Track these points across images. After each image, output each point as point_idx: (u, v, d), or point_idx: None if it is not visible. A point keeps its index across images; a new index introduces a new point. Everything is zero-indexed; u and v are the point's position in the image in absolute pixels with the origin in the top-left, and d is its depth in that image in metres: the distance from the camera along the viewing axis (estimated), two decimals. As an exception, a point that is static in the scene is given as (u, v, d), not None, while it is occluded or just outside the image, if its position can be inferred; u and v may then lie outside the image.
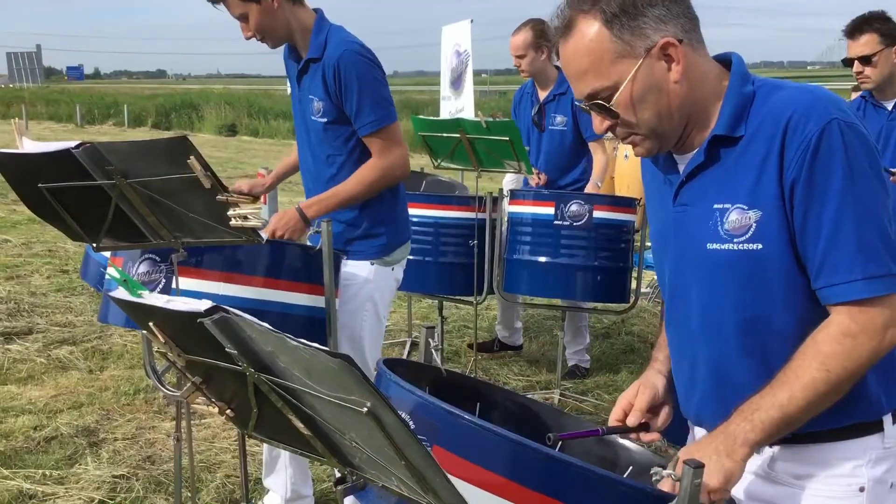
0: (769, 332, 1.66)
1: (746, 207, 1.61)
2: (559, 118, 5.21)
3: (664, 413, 1.87)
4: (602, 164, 5.21)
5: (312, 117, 3.19)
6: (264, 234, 2.46)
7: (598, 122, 1.69)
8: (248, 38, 3.13)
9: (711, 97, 1.67)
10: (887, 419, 1.70)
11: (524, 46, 5.09)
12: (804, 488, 1.70)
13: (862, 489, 1.68)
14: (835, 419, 1.66)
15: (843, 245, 1.55)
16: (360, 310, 3.28)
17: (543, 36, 5.05)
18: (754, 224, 1.61)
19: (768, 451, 1.73)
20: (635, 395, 1.85)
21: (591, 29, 1.60)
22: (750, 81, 1.68)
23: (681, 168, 1.74)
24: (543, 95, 5.27)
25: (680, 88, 1.63)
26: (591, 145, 5.23)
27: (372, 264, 3.27)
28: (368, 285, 3.27)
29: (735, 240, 1.63)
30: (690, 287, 1.74)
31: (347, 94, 3.06)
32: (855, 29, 4.04)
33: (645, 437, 1.84)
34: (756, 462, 1.73)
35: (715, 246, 1.65)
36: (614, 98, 1.62)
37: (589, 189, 5.06)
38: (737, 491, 1.76)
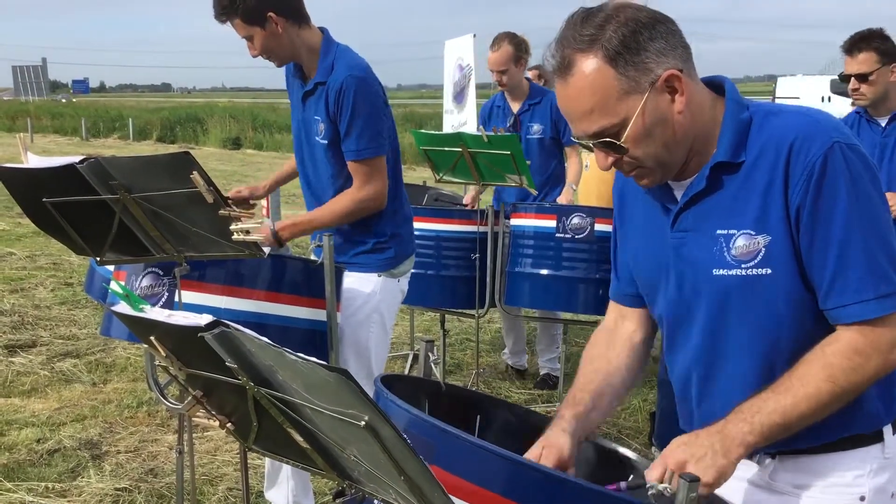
0: (776, 353, 1.67)
1: (754, 233, 1.62)
2: (535, 126, 5.30)
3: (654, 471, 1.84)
4: (577, 168, 5.37)
5: (316, 137, 3.22)
6: (266, 249, 2.48)
7: (603, 159, 1.67)
8: (254, 57, 3.18)
9: (709, 124, 1.68)
10: (887, 430, 1.71)
11: (506, 61, 5.19)
12: (805, 498, 1.71)
13: (862, 498, 1.69)
14: (833, 432, 1.67)
15: (853, 266, 1.56)
16: (367, 322, 3.29)
17: (521, 48, 5.19)
18: (763, 249, 1.61)
19: (769, 462, 1.74)
20: (538, 458, 1.78)
21: (592, 67, 1.57)
22: (745, 107, 1.68)
23: (677, 194, 1.74)
24: (517, 107, 5.38)
25: (684, 119, 1.63)
26: (567, 150, 5.38)
27: (378, 276, 3.30)
28: (375, 297, 3.29)
29: (743, 265, 1.63)
30: (695, 312, 1.74)
31: (342, 118, 3.10)
32: (853, 46, 4.05)
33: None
34: (756, 472, 1.75)
35: (722, 272, 1.66)
36: (624, 134, 1.60)
37: (565, 194, 5.16)
38: (737, 501, 1.77)
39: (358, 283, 3.27)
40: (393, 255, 3.31)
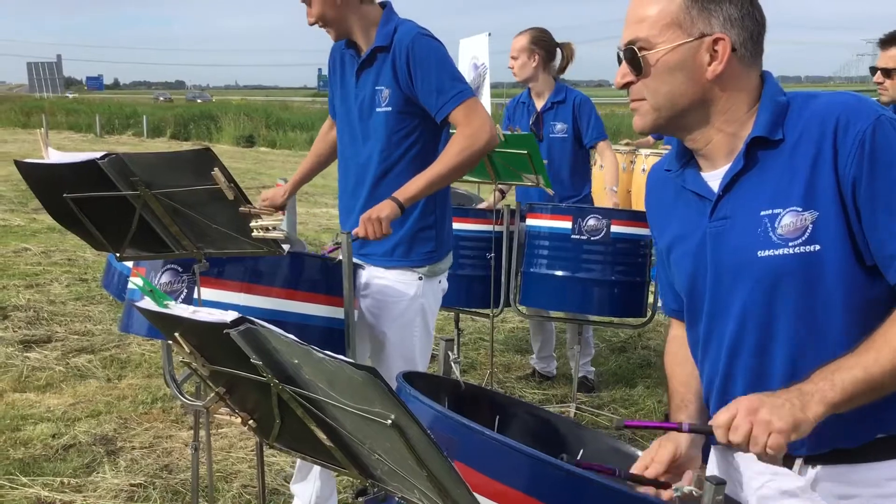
0: (824, 338, 1.63)
1: (801, 209, 1.59)
2: (559, 126, 5.25)
3: (688, 476, 1.81)
4: (612, 166, 5.30)
5: (377, 108, 3.11)
6: (285, 246, 2.47)
7: (620, 75, 1.71)
8: (311, 24, 3.11)
9: (746, 107, 1.69)
10: None
11: (518, 49, 5.15)
12: None
13: None
14: (869, 430, 1.64)
15: None
16: (411, 325, 3.24)
17: (538, 43, 5.12)
18: (811, 225, 1.59)
19: (811, 473, 1.70)
20: (656, 451, 1.82)
21: None
22: (783, 93, 1.70)
23: (712, 185, 1.73)
24: (540, 104, 5.33)
25: (709, 87, 1.65)
26: (600, 146, 5.29)
27: (420, 278, 3.22)
28: (418, 301, 3.23)
29: (790, 243, 1.60)
30: (734, 302, 1.71)
31: (424, 75, 3.00)
32: (888, 40, 4.06)
33: (663, 494, 1.77)
34: (798, 484, 1.69)
35: (768, 252, 1.63)
36: (647, 53, 1.65)
37: (609, 198, 5.10)
38: None
39: (399, 285, 3.21)
40: (434, 248, 3.22)
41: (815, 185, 1.59)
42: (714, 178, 1.73)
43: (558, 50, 5.20)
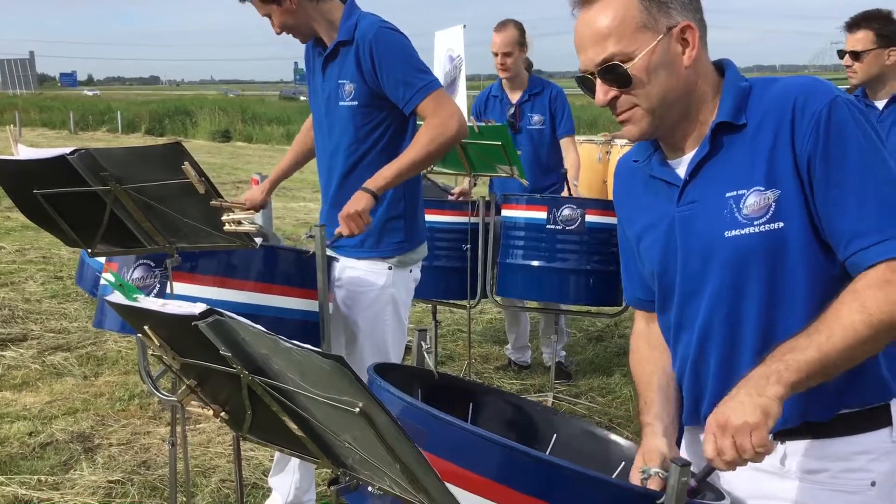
0: (790, 313, 1.66)
1: (764, 188, 1.63)
2: (536, 117, 5.28)
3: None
4: (574, 162, 5.34)
5: (341, 102, 3.13)
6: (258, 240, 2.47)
7: (602, 93, 1.70)
8: (278, 34, 3.16)
9: (710, 93, 1.73)
10: (895, 412, 1.71)
11: (511, 43, 5.16)
12: (817, 483, 1.70)
13: (874, 483, 1.69)
14: (843, 398, 1.67)
15: (873, 208, 1.57)
16: (382, 315, 3.26)
17: (524, 34, 5.17)
18: (773, 204, 1.63)
19: (780, 448, 1.72)
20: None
21: None
22: (744, 79, 1.74)
23: (680, 171, 1.76)
24: (515, 97, 5.35)
25: (689, 75, 1.69)
26: (565, 142, 5.34)
27: (390, 268, 3.24)
28: (388, 291, 3.24)
29: (755, 222, 1.64)
30: (704, 284, 1.74)
31: (390, 68, 3.02)
32: (854, 23, 4.08)
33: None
34: (768, 459, 1.73)
35: (734, 232, 1.66)
36: (630, 64, 1.66)
37: (572, 193, 5.13)
38: (744, 489, 1.77)
39: (369, 275, 3.23)
40: (403, 239, 3.24)
41: (776, 164, 1.63)
42: (680, 164, 1.77)
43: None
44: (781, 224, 1.63)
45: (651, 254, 1.85)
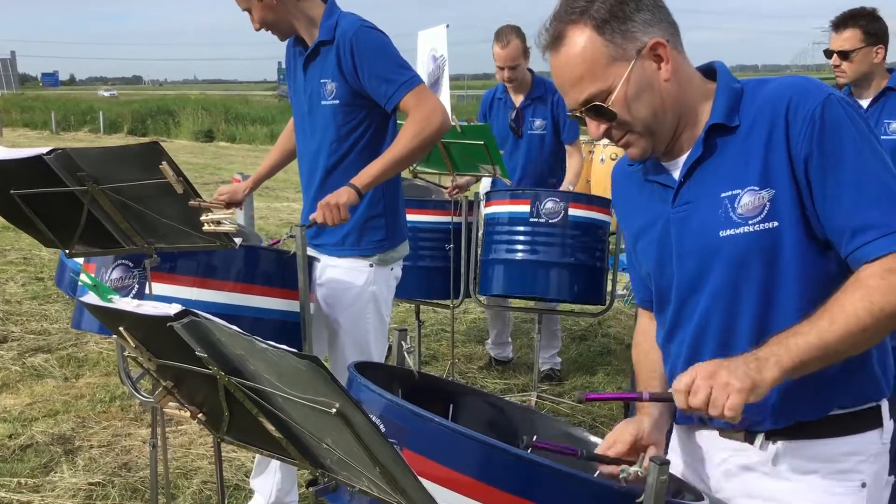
0: (783, 312, 1.67)
1: (758, 188, 1.64)
2: (538, 122, 5.23)
3: (651, 451, 1.83)
4: (576, 168, 5.27)
5: (323, 101, 3.14)
6: (237, 240, 2.46)
7: (595, 128, 1.73)
8: (256, 30, 3.17)
9: (699, 98, 1.74)
10: (885, 415, 1.72)
11: (517, 56, 5.07)
12: (808, 484, 1.71)
13: (864, 485, 1.69)
14: (837, 395, 1.68)
15: (872, 204, 1.57)
16: (363, 312, 3.26)
17: (526, 41, 5.08)
18: (768, 203, 1.63)
19: (772, 448, 1.73)
20: (619, 432, 1.84)
21: (582, 37, 1.66)
22: (736, 80, 1.75)
23: (674, 173, 1.77)
24: (519, 100, 5.29)
25: (670, 87, 1.69)
26: (568, 148, 5.29)
27: (371, 266, 3.24)
28: (369, 288, 3.25)
29: (750, 222, 1.65)
30: (700, 284, 1.74)
31: (370, 66, 3.02)
32: (840, 22, 4.08)
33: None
34: (759, 459, 1.74)
35: (729, 232, 1.67)
36: (610, 99, 1.67)
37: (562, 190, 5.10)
38: (735, 489, 1.78)
39: (350, 274, 3.23)
40: (384, 237, 3.24)
41: (770, 164, 1.63)
42: (675, 166, 1.78)
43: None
44: (776, 223, 1.63)
45: (647, 255, 1.87)
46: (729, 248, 1.67)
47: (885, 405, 1.73)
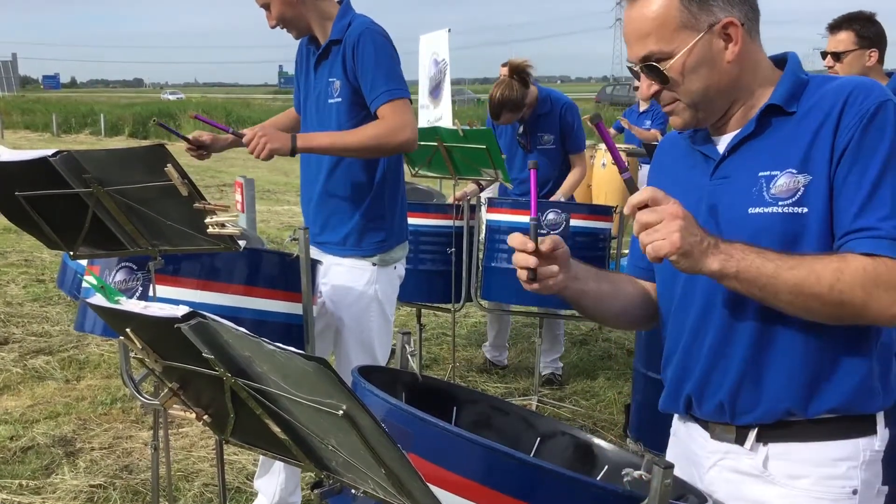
0: None
1: (796, 172, 1.64)
2: (546, 137, 5.21)
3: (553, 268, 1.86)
4: (574, 179, 5.26)
5: (330, 100, 3.21)
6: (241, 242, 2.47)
7: (646, 87, 1.75)
8: (272, 27, 3.20)
9: (763, 83, 1.74)
10: (880, 423, 1.71)
11: (521, 97, 4.99)
12: (798, 489, 1.70)
13: (855, 492, 1.68)
14: (827, 397, 1.67)
15: (881, 204, 1.57)
16: (367, 311, 3.31)
17: (522, 74, 4.99)
18: (802, 188, 1.63)
19: (763, 451, 1.73)
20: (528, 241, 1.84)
21: None
22: (804, 73, 1.76)
23: (720, 148, 1.78)
24: (527, 115, 5.27)
25: (732, 69, 1.70)
26: (573, 158, 5.28)
27: (373, 265, 3.30)
28: (372, 287, 3.30)
29: (780, 202, 1.64)
30: None
31: (364, 67, 3.10)
32: (836, 25, 4.12)
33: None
34: (750, 462, 1.74)
35: (758, 210, 1.67)
36: (668, 63, 1.68)
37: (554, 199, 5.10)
38: (726, 492, 1.77)
39: (353, 274, 3.28)
40: (384, 238, 3.30)
41: (814, 150, 1.64)
42: (723, 141, 1.79)
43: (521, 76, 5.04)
44: (805, 209, 1.63)
45: None
46: (753, 226, 1.67)
47: (880, 414, 1.72)
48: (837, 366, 1.67)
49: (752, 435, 1.74)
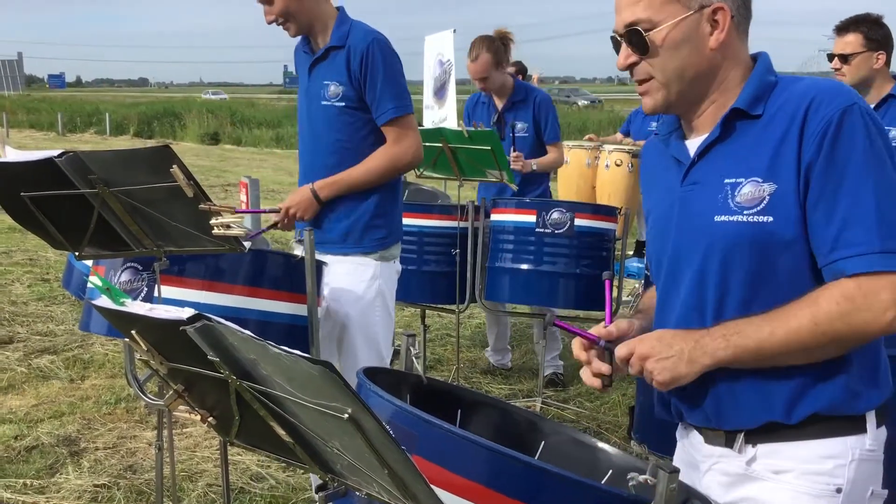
0: (769, 307, 1.64)
1: (761, 180, 1.63)
2: (520, 125, 5.29)
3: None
4: (551, 159, 5.34)
5: (324, 102, 3.26)
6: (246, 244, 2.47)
7: (624, 56, 1.75)
8: (269, 23, 3.23)
9: (738, 80, 1.73)
10: (870, 422, 1.69)
11: (486, 69, 5.13)
12: (782, 483, 1.70)
13: (839, 490, 1.67)
14: (808, 402, 1.66)
15: (862, 220, 1.56)
16: (372, 306, 3.37)
17: (499, 52, 5.13)
18: (767, 196, 1.62)
19: (751, 451, 1.73)
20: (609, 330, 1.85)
21: None
22: (773, 73, 1.74)
23: (692, 151, 1.77)
24: (501, 104, 5.35)
25: (713, 56, 1.70)
26: (549, 147, 5.34)
27: (376, 260, 3.37)
28: (376, 282, 3.36)
29: (745, 211, 1.64)
30: (687, 266, 1.75)
31: (372, 80, 3.17)
32: (843, 27, 4.11)
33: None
34: (736, 461, 1.74)
35: (723, 218, 1.66)
36: (651, 32, 1.68)
37: (524, 164, 5.13)
38: (723, 497, 1.77)
39: (357, 271, 3.34)
40: (385, 235, 3.38)
41: (779, 158, 1.63)
42: (694, 145, 1.78)
43: (502, 45, 5.23)
44: (770, 218, 1.63)
45: (654, 229, 1.88)
46: (719, 234, 1.67)
47: (871, 412, 1.71)
48: (812, 376, 1.66)
49: (741, 438, 1.74)
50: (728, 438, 1.76)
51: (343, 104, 3.22)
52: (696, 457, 1.85)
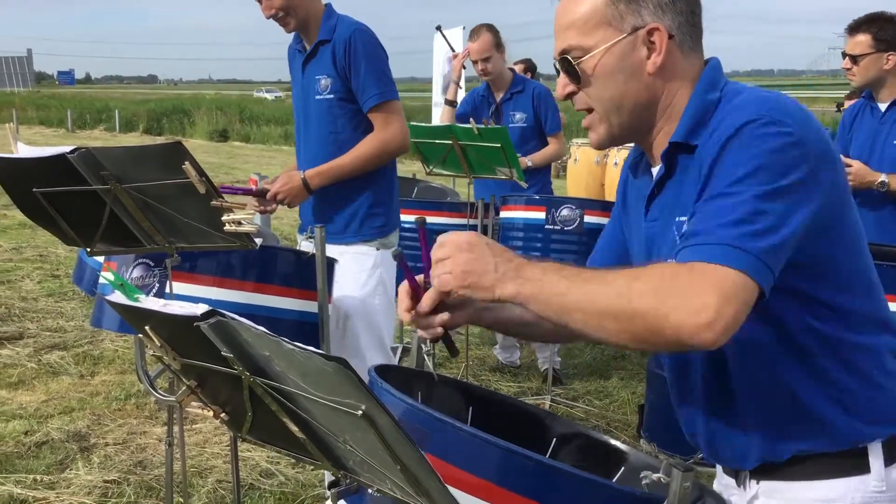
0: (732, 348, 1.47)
1: (688, 217, 1.48)
2: (518, 115, 5.32)
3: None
4: (549, 152, 5.36)
5: (317, 96, 3.36)
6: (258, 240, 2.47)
7: (561, 86, 1.62)
8: (267, 17, 3.31)
9: (685, 102, 1.58)
10: (875, 459, 1.57)
11: (488, 48, 5.22)
12: None
13: None
14: (787, 445, 1.57)
15: (721, 215, 1.38)
16: (374, 294, 3.44)
17: (499, 35, 5.25)
18: None
19: (755, 488, 1.66)
20: None
21: None
22: (718, 88, 1.57)
23: (653, 183, 1.66)
24: (499, 97, 5.39)
25: (652, 82, 1.56)
26: (550, 138, 5.37)
27: (377, 249, 3.44)
28: (377, 270, 3.44)
29: None
30: None
31: (356, 69, 3.26)
32: (855, 27, 4.10)
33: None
34: (743, 497, 1.69)
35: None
36: (583, 61, 1.56)
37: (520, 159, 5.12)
38: None
39: (358, 258, 3.40)
40: (384, 223, 3.47)
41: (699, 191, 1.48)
42: (654, 175, 1.66)
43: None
44: None
45: (635, 256, 1.79)
46: None
47: (874, 450, 1.56)
48: (791, 415, 1.56)
49: (745, 473, 1.68)
50: (735, 472, 1.71)
51: (333, 96, 3.33)
52: (718, 486, 1.80)
